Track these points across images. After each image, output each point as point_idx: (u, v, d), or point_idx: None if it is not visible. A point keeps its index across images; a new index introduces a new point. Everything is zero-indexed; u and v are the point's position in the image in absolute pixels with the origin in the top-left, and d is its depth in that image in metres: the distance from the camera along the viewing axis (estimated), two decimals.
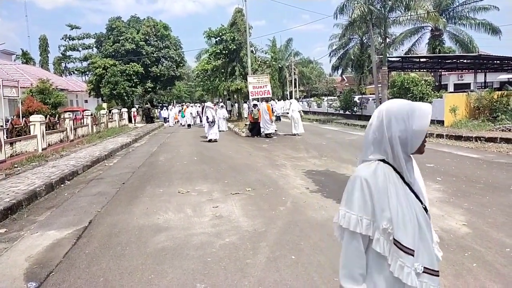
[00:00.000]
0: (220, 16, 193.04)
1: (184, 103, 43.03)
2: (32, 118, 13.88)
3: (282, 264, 4.00)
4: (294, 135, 17.90)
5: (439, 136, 14.38)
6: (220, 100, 38.58)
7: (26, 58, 46.32)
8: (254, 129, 18.71)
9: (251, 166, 10.28)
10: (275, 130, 18.35)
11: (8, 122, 13.70)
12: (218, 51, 27.72)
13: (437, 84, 26.67)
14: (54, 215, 6.43)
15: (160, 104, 53.63)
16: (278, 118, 26.53)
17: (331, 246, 4.42)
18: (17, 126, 13.05)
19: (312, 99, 41.83)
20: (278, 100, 39.33)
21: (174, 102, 62.76)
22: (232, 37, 26.99)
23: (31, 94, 18.01)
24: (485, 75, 27.70)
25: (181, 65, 42.87)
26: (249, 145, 15.21)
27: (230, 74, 28.72)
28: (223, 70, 29.51)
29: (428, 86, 19.32)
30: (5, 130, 11.99)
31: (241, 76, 27.50)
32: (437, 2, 26.55)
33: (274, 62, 40.63)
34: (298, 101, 46.74)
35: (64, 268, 4.20)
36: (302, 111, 20.63)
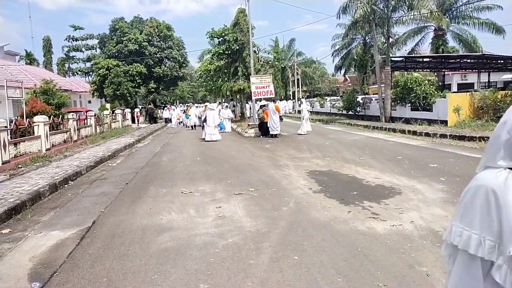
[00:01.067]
0: (223, 16, 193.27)
1: (187, 104, 42.93)
2: (36, 118, 13.94)
3: (285, 265, 4.00)
4: (304, 134, 18.18)
5: (443, 136, 14.33)
6: (223, 101, 38.59)
7: (30, 59, 46.53)
8: (262, 129, 18.78)
9: (254, 166, 10.28)
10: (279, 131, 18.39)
11: (12, 122, 13.75)
12: (221, 51, 27.73)
13: (440, 84, 26.60)
14: (57, 216, 6.45)
15: (162, 105, 53.71)
16: (280, 118, 26.43)
17: (334, 247, 4.42)
18: (21, 126, 13.11)
19: (315, 99, 41.82)
20: (280, 100, 39.29)
21: (177, 102, 62.84)
22: (234, 38, 27.00)
23: (35, 94, 18.08)
24: (489, 75, 27.61)
25: (184, 65, 42.96)
26: (252, 145, 15.22)
27: (233, 74, 28.73)
28: (225, 71, 29.52)
29: (431, 86, 19.27)
30: (9, 130, 12.05)
31: (244, 77, 27.50)
32: (441, 1, 26.48)
33: (277, 62, 40.69)
34: (301, 101, 46.81)
35: (68, 268, 4.21)
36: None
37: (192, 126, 27.96)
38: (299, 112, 40.31)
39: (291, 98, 49.53)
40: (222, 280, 3.75)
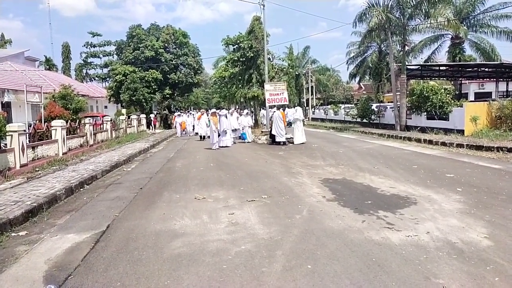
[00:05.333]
0: (237, 24, 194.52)
1: (200, 109, 42.59)
2: (54, 123, 14.21)
3: (298, 274, 3.97)
4: (301, 143, 17.90)
5: (459, 145, 14.10)
6: (237, 107, 38.68)
7: (49, 65, 47.68)
8: (272, 136, 18.75)
9: (267, 173, 10.26)
10: (287, 139, 18.20)
11: (30, 126, 14.04)
12: (236, 58, 27.93)
13: (457, 92, 26.22)
14: (73, 219, 6.54)
15: (177, 111, 54.16)
16: (289, 124, 25.76)
17: (348, 256, 4.37)
18: (39, 130, 13.37)
19: (329, 106, 41.63)
20: (293, 107, 38.92)
21: (192, 108, 63.25)
22: (249, 45, 27.16)
23: (53, 99, 18.43)
24: (507, 84, 27.11)
25: (199, 72, 43.28)
26: (265, 152, 15.21)
27: (247, 81, 28.84)
28: (240, 77, 29.66)
29: (447, 95, 19.01)
30: (27, 134, 12.30)
31: (258, 84, 27.60)
32: (458, 10, 26.23)
33: (291, 70, 40.69)
34: (315, 108, 46.60)
35: (82, 272, 4.26)
36: (319, 119, 20.54)
37: (201, 137, 23.78)
38: (313, 120, 40.13)
39: (305, 105, 49.42)
40: (234, 287, 3.74)
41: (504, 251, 4.39)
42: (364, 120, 26.78)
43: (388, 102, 33.14)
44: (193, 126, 29.44)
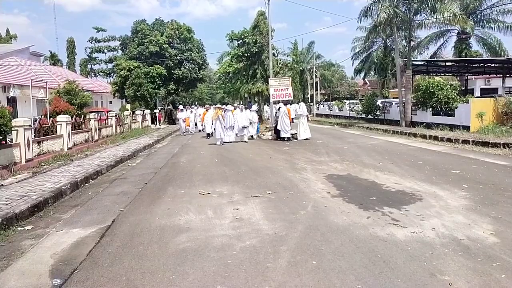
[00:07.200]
0: (241, 19, 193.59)
1: (196, 105, 41.88)
2: (59, 118, 14.25)
3: (303, 269, 3.96)
4: (306, 139, 17.79)
5: (465, 142, 14.01)
6: (241, 103, 38.54)
7: (54, 60, 47.78)
8: (277, 131, 18.71)
9: (271, 169, 10.25)
10: (291, 134, 18.13)
11: (36, 121, 14.09)
12: (240, 53, 27.83)
13: (463, 88, 26.03)
14: (78, 214, 6.57)
15: (181, 106, 53.99)
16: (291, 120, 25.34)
17: (353, 252, 4.36)
18: (44, 125, 13.43)
19: (333, 102, 41.46)
20: (298, 103, 38.80)
21: (196, 104, 63.20)
22: (254, 40, 27.05)
23: (58, 94, 18.45)
24: None
25: (203, 67, 43.17)
26: (270, 148, 15.19)
27: (252, 76, 28.75)
28: (244, 73, 29.57)
29: (453, 91, 18.86)
30: (33, 129, 12.35)
31: (263, 79, 27.51)
32: (464, 4, 25.97)
33: (295, 65, 40.56)
34: (319, 104, 46.45)
35: (88, 266, 4.28)
36: (324, 114, 20.45)
37: (208, 134, 22.06)
38: (318, 115, 40.00)
39: (309, 101, 49.25)
40: (239, 282, 3.74)
41: (510, 248, 4.36)
42: (369, 116, 26.66)
43: (393, 98, 32.94)
44: (196, 122, 27.96)
